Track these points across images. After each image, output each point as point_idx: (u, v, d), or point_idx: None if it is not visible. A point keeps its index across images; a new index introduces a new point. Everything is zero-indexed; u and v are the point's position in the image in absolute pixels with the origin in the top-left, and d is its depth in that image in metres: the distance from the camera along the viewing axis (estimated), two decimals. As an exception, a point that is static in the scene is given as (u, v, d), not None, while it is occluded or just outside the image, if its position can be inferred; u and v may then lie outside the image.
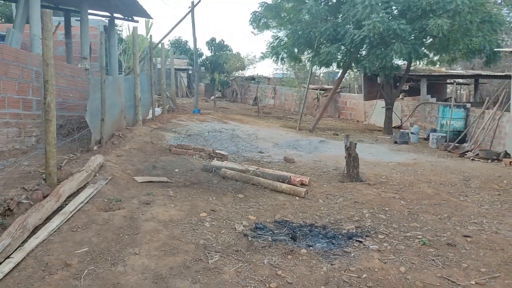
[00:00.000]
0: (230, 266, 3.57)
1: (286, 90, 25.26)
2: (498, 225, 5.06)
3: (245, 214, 4.85)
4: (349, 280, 3.47)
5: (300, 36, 13.46)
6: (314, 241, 4.17)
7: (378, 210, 5.32)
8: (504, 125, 10.75)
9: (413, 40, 12.65)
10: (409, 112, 16.42)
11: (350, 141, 6.88)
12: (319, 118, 14.97)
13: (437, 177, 7.74)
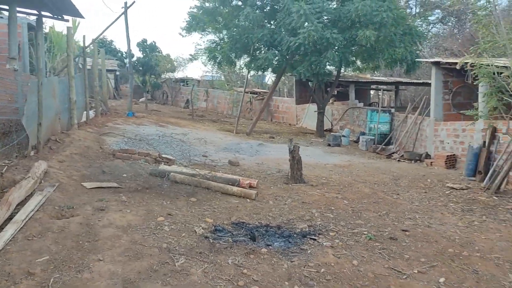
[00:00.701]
0: (197, 268, 3.66)
1: (218, 93, 25.42)
2: (429, 220, 5.63)
3: (202, 217, 4.95)
4: (309, 275, 3.72)
5: (237, 41, 13.72)
6: (272, 241, 4.38)
7: (325, 210, 5.67)
8: (425, 128, 11.79)
9: (343, 48, 13.44)
10: (339, 116, 17.33)
11: (294, 145, 7.21)
12: (256, 121, 15.32)
13: (371, 177, 8.34)
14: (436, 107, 11.34)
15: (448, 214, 6.05)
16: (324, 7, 12.59)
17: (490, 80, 7.50)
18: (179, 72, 37.86)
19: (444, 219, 5.74)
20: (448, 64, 10.57)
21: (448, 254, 4.40)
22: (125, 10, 15.61)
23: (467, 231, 5.24)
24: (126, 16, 16.06)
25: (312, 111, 17.39)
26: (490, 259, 4.33)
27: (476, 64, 7.58)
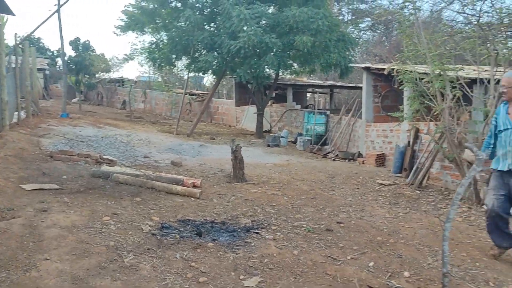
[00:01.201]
0: (145, 263, 3.79)
1: (157, 94, 25.13)
2: (361, 213, 6.13)
3: (148, 216, 5.05)
4: (254, 265, 3.97)
5: (177, 42, 13.76)
6: (217, 236, 4.59)
7: (267, 206, 5.98)
8: (357, 129, 12.55)
9: (281, 52, 13.95)
10: (277, 117, 17.87)
11: (236, 145, 7.47)
12: (197, 123, 15.43)
13: (309, 175, 8.81)
14: (367, 109, 12.13)
15: (378, 207, 6.60)
16: (263, 12, 13.01)
17: (413, 85, 8.24)
18: (114, 72, 36.91)
19: (374, 211, 6.27)
20: (377, 70, 11.37)
21: (376, 242, 4.85)
22: (58, 8, 15.07)
23: (393, 221, 5.78)
24: (59, 14, 15.50)
25: (252, 113, 17.79)
26: (412, 245, 4.84)
27: (400, 70, 8.30)
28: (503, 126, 4.27)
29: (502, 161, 4.29)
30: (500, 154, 4.31)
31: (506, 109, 4.31)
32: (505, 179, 4.29)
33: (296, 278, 3.79)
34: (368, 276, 3.93)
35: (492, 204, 4.34)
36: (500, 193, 4.31)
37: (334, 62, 14.03)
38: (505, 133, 4.24)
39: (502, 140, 4.29)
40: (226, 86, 30.28)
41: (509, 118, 4.24)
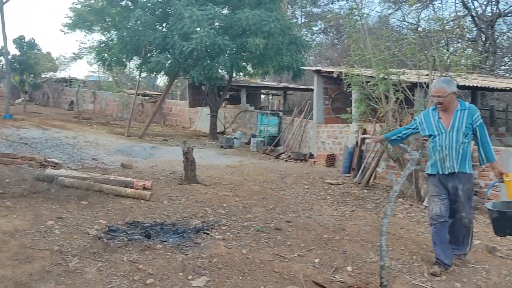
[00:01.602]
0: (91, 267, 3.74)
1: (107, 94, 24.49)
2: (310, 212, 6.31)
3: (95, 219, 4.96)
4: (202, 265, 4.02)
5: (128, 42, 13.52)
6: (167, 237, 4.60)
7: (218, 207, 6.03)
8: (309, 131, 12.85)
9: (235, 54, 14.04)
10: (231, 119, 17.94)
11: (188, 146, 7.47)
12: (149, 124, 15.20)
13: (261, 176, 8.94)
14: (318, 111, 12.45)
15: (326, 206, 6.83)
16: (216, 14, 13.04)
17: (360, 88, 8.57)
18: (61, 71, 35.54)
19: (322, 210, 6.48)
20: (327, 73, 11.71)
21: (323, 239, 5.03)
22: (1, 5, 14.39)
23: (340, 219, 6.01)
24: (2, 11, 14.80)
25: (205, 114, 17.75)
26: (356, 241, 5.06)
27: (348, 73, 8.61)
28: (437, 131, 4.30)
29: (441, 165, 4.29)
30: (438, 159, 4.30)
31: (437, 114, 4.34)
32: (444, 182, 4.32)
33: (244, 276, 3.88)
34: (313, 272, 4.08)
35: (440, 210, 4.29)
36: (443, 198, 4.32)
37: (287, 65, 14.29)
38: (439, 138, 4.28)
39: (437, 145, 4.30)
40: (180, 87, 30.00)
41: (442, 123, 4.28)
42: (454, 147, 4.20)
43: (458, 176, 4.24)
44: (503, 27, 19.70)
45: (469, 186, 4.28)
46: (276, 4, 14.54)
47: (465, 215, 4.29)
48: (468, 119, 4.19)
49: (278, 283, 3.79)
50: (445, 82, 4.28)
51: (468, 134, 4.19)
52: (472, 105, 4.33)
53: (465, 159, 4.21)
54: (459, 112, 4.23)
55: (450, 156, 4.22)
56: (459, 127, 4.19)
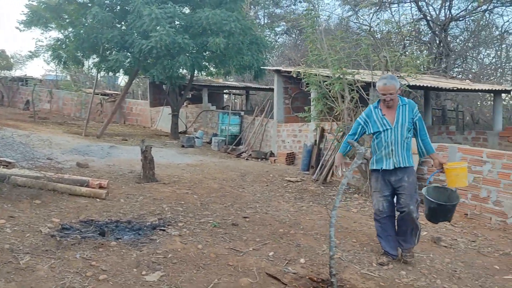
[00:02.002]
0: (43, 264, 3.69)
1: (64, 94, 23.81)
2: (267, 208, 6.43)
3: (48, 218, 4.88)
4: (157, 260, 4.04)
5: (84, 40, 13.23)
6: (122, 234, 4.59)
7: (176, 204, 6.05)
8: (269, 129, 13.02)
9: (196, 53, 14.02)
10: (193, 118, 17.88)
11: (146, 145, 7.43)
12: (107, 123, 14.93)
13: (221, 174, 9.00)
14: (278, 110, 12.65)
15: (283, 202, 6.97)
16: (175, 13, 12.97)
17: (317, 88, 8.80)
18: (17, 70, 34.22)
19: (279, 206, 6.62)
20: (286, 72, 11.91)
21: (278, 233, 5.16)
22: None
23: (296, 214, 6.16)
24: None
25: (167, 114, 17.62)
26: (311, 235, 5.22)
27: (306, 73, 8.82)
28: (382, 128, 4.36)
29: (386, 161, 4.36)
30: (383, 154, 4.37)
31: (380, 111, 4.41)
32: (386, 178, 4.40)
33: (199, 270, 3.94)
34: (267, 265, 4.19)
35: (382, 206, 4.41)
36: (386, 194, 4.42)
37: (248, 64, 14.41)
38: (385, 134, 4.34)
39: (383, 141, 4.36)
40: (141, 86, 29.55)
41: (386, 119, 4.36)
42: (400, 142, 4.30)
43: (403, 170, 4.34)
44: (455, 31, 20.64)
45: (413, 179, 4.39)
46: (237, 4, 14.64)
47: (413, 208, 4.32)
48: (409, 114, 4.31)
49: (232, 276, 3.88)
50: (393, 79, 4.33)
51: (411, 129, 4.32)
52: (410, 100, 4.43)
53: (409, 153, 4.34)
54: (401, 108, 4.33)
55: (396, 151, 4.31)
56: (403, 122, 4.29)
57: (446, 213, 4.35)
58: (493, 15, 19.15)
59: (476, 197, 6.48)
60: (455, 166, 4.35)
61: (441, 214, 4.34)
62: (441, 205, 4.27)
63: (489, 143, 10.52)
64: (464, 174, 4.30)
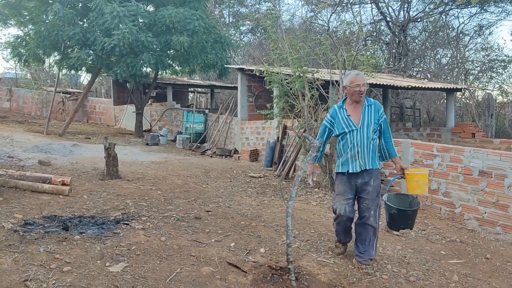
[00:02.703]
0: (6, 258, 3.75)
1: (24, 92, 23.16)
2: (230, 202, 6.63)
3: (10, 214, 4.89)
4: (121, 252, 4.16)
5: (45, 37, 12.99)
6: (85, 229, 4.67)
7: (139, 199, 6.15)
8: (233, 127, 13.22)
9: (160, 52, 14.02)
10: (157, 116, 17.83)
11: (109, 142, 7.47)
12: (69, 122, 14.70)
13: (185, 171, 9.12)
14: (242, 108, 12.86)
15: (246, 196, 7.19)
16: (138, 11, 12.94)
17: (279, 85, 9.06)
18: (-27, 67, 32.91)
19: (242, 200, 6.83)
20: (250, 71, 12.14)
21: (240, 226, 5.37)
22: None
23: (258, 208, 6.39)
24: None
25: (131, 112, 17.49)
26: (271, 227, 5.46)
27: (268, 71, 9.06)
28: (347, 128, 4.17)
29: (352, 163, 4.17)
30: (349, 156, 4.17)
31: (345, 111, 4.24)
32: (353, 181, 4.22)
33: (162, 261, 4.09)
34: (228, 255, 4.39)
35: (344, 210, 4.22)
36: (349, 197, 4.24)
37: (212, 63, 14.53)
38: (351, 135, 4.15)
39: (349, 142, 4.17)
40: (105, 85, 29.08)
41: (352, 119, 4.18)
42: (365, 143, 4.13)
43: (369, 172, 4.17)
44: (414, 31, 21.50)
45: (378, 182, 4.23)
46: (201, 3, 14.72)
47: (373, 213, 4.20)
48: (375, 115, 4.16)
49: (194, 265, 4.05)
50: (362, 73, 4.24)
51: (376, 130, 4.18)
52: (376, 100, 4.28)
53: (375, 155, 4.19)
54: (367, 108, 4.18)
55: (362, 153, 4.14)
56: (369, 123, 4.14)
57: (407, 219, 4.28)
58: (449, 17, 20.13)
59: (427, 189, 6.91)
60: (416, 173, 4.23)
61: (401, 220, 4.30)
62: (401, 211, 4.25)
63: (443, 139, 11.12)
64: (425, 181, 4.20)
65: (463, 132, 11.04)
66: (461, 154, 6.43)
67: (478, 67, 19.90)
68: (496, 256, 5.11)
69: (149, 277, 3.72)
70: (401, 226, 4.42)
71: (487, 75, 19.53)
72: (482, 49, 20.06)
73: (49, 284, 3.40)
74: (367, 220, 4.22)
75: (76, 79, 31.03)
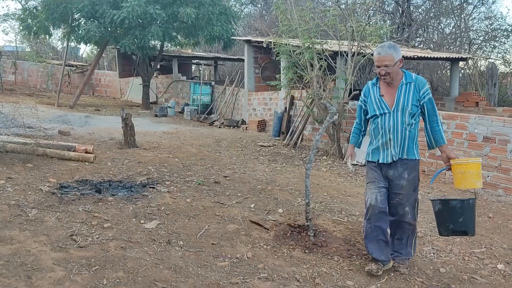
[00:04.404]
0: (50, 216, 4.11)
1: (29, 65, 23.23)
2: (244, 169, 6.98)
3: (44, 178, 5.23)
4: (152, 212, 4.53)
5: (54, 10, 13.07)
6: (116, 192, 5.02)
7: (160, 166, 6.49)
8: (240, 98, 13.46)
9: (166, 24, 14.12)
10: (163, 88, 18.04)
11: (126, 113, 7.76)
12: (80, 94, 14.93)
13: (197, 141, 9.45)
14: (249, 79, 13.06)
15: (259, 164, 7.54)
16: (146, -18, 12.99)
17: (287, 57, 9.28)
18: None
19: (255, 167, 7.18)
20: (257, 42, 12.29)
21: (257, 189, 5.72)
22: None
23: (271, 174, 6.75)
24: None
25: (137, 85, 17.68)
26: (286, 190, 5.82)
27: (277, 43, 9.25)
28: (378, 111, 3.53)
29: (383, 152, 3.54)
30: (380, 144, 3.54)
31: (378, 90, 3.57)
32: (384, 171, 3.57)
33: (190, 220, 4.46)
34: (249, 214, 4.75)
35: (376, 199, 3.50)
36: (381, 186, 3.55)
37: (217, 35, 14.63)
38: (382, 119, 3.51)
39: (379, 127, 3.53)
40: (106, 57, 29.05)
41: (384, 101, 3.51)
42: (400, 129, 3.45)
43: (404, 163, 3.51)
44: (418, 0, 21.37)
45: (415, 175, 3.55)
46: (207, -27, 14.68)
47: (408, 209, 3.55)
48: (414, 95, 3.43)
49: (220, 223, 4.42)
50: (392, 48, 3.42)
51: (415, 114, 3.45)
52: (419, 76, 3.53)
53: (412, 143, 3.50)
54: (405, 87, 3.46)
55: (395, 141, 3.47)
56: (405, 105, 3.43)
57: (457, 215, 3.32)
58: (453, -15, 19.97)
59: (433, 155, 7.23)
60: (461, 162, 3.44)
61: (450, 217, 3.35)
62: (445, 203, 3.42)
63: (446, 108, 11.38)
64: (474, 172, 3.31)
65: (466, 101, 11.29)
66: (466, 121, 6.73)
67: (481, 37, 19.91)
68: (498, 215, 5.49)
69: (181, 233, 4.09)
70: (452, 227, 3.36)
71: (490, 45, 19.55)
72: (486, 18, 20.00)
73: (94, 238, 3.77)
74: (403, 218, 3.57)
75: (76, 52, 30.97)
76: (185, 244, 3.87)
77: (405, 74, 3.52)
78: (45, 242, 3.58)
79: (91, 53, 27.77)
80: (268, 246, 4.00)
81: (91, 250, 3.53)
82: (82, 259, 3.36)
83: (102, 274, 3.18)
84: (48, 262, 3.26)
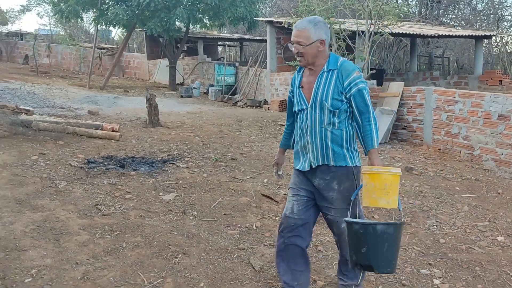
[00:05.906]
0: (78, 188, 4.53)
1: (63, 48, 24.02)
2: (262, 147, 7.26)
3: (73, 154, 5.68)
4: (170, 185, 4.89)
5: (84, -6, 13.56)
6: (138, 167, 5.41)
7: (181, 144, 6.85)
8: (263, 79, 13.66)
9: (191, 6, 14.37)
10: (189, 70, 18.40)
11: (151, 93, 8.13)
12: (109, 76, 15.49)
13: (219, 120, 9.77)
14: (271, 60, 13.23)
15: (276, 142, 7.77)
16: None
17: (307, 37, 9.37)
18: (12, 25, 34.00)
19: (272, 145, 7.44)
20: (279, 23, 12.39)
21: (271, 166, 5.99)
22: None
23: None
24: None
25: (164, 66, 18.09)
26: (299, 166, 6.06)
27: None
28: (298, 106, 2.74)
29: (302, 157, 2.75)
30: (299, 147, 2.76)
31: (299, 79, 2.76)
32: (309, 178, 2.73)
33: (205, 192, 4.79)
34: (262, 188, 5.05)
35: (291, 209, 2.75)
36: (300, 194, 2.76)
37: (241, 16, 14.79)
38: (301, 117, 2.73)
39: (297, 127, 2.77)
40: (136, 40, 29.64)
41: (303, 93, 2.71)
42: (318, 130, 2.65)
43: (331, 171, 2.65)
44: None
45: (348, 185, 2.65)
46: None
47: (345, 226, 2.58)
48: (336, 86, 2.59)
49: (233, 196, 4.74)
50: (311, 23, 2.59)
51: (339, 110, 2.61)
52: (346, 61, 2.67)
53: (340, 147, 2.63)
54: (325, 75, 2.62)
55: (313, 144, 2.66)
56: (323, 99, 2.61)
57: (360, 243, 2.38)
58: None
59: (449, 133, 7.29)
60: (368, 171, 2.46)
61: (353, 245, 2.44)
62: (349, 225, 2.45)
63: (470, 87, 11.25)
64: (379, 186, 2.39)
65: (490, 80, 11.12)
66: (481, 99, 6.74)
67: (513, 14, 19.23)
68: (507, 191, 5.57)
69: (196, 204, 4.44)
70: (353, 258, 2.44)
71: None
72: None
73: (116, 208, 4.16)
74: (342, 237, 2.68)
75: (107, 35, 31.68)
76: (199, 214, 4.21)
77: (330, 59, 2.64)
78: (73, 210, 3.99)
79: (122, 35, 28.40)
80: (277, 217, 4.29)
81: (113, 218, 3.92)
82: (105, 225, 3.75)
83: (122, 238, 3.55)
84: (75, 228, 3.66)
